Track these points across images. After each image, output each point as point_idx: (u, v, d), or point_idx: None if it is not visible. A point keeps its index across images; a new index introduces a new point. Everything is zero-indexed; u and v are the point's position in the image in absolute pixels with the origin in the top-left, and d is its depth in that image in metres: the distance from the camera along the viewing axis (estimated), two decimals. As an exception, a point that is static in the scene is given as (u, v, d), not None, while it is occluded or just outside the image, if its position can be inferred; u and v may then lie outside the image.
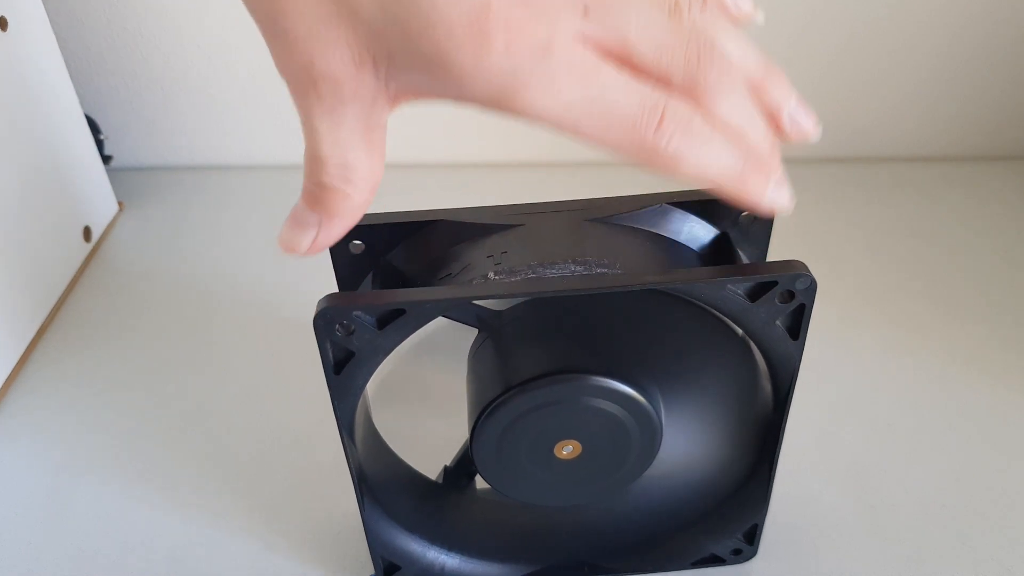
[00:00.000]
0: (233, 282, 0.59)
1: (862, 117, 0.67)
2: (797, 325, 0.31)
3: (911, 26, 0.63)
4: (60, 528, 0.42)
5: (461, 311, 0.34)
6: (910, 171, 0.68)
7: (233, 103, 0.67)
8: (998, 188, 0.66)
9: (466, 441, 0.38)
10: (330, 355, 0.30)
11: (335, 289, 0.36)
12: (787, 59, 0.66)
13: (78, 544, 0.41)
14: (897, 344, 0.52)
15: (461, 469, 0.39)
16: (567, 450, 0.33)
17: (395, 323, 0.29)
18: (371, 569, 0.38)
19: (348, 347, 0.30)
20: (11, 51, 0.52)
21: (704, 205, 0.34)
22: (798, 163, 0.71)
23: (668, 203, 0.34)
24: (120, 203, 0.66)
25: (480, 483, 0.39)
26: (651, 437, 0.33)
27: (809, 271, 0.30)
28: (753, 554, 0.39)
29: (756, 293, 0.30)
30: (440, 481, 0.39)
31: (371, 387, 0.33)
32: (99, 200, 0.63)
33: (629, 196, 0.35)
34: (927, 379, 0.50)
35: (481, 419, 0.32)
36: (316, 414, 0.48)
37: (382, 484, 0.36)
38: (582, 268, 0.31)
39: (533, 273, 0.31)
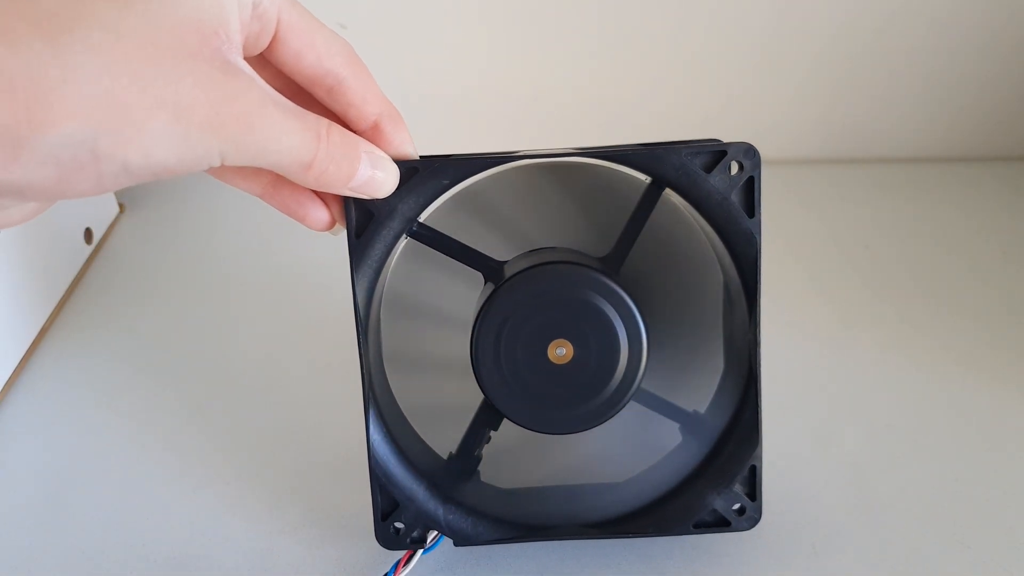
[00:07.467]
0: (233, 283, 0.59)
1: (859, 117, 0.67)
2: (751, 201, 0.35)
3: (910, 26, 0.63)
4: (63, 527, 0.42)
5: (471, 257, 0.37)
6: (908, 171, 0.68)
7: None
8: (997, 188, 0.66)
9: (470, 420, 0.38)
10: (353, 218, 0.34)
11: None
12: (786, 60, 0.66)
13: (81, 543, 0.41)
14: (896, 344, 0.52)
15: (467, 448, 0.38)
16: (560, 352, 0.35)
17: (408, 184, 0.34)
18: (378, 565, 0.38)
19: (370, 209, 0.34)
20: (12, 53, 0.52)
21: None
22: (797, 163, 0.72)
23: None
24: (121, 205, 0.67)
25: (482, 475, 0.38)
26: (638, 344, 0.35)
27: (754, 145, 0.34)
28: (758, 515, 0.38)
29: (710, 165, 0.34)
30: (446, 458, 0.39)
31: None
32: (100, 202, 0.63)
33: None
34: (926, 379, 0.50)
35: (482, 314, 0.35)
36: (319, 414, 0.48)
37: (391, 416, 0.38)
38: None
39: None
